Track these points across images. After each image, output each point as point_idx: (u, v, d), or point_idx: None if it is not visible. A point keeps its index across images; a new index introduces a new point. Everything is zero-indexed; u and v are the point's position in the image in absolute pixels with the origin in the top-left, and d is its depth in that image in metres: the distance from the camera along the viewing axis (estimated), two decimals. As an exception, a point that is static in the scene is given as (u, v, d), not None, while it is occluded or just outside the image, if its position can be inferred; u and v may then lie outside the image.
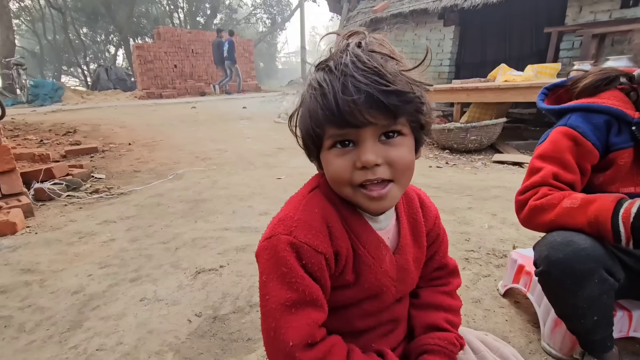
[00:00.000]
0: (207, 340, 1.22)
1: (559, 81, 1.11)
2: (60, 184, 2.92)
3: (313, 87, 0.55)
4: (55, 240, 2.06)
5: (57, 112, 7.92)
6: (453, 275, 0.79)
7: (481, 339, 0.81)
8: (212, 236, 2.04)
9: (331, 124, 0.53)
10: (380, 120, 0.52)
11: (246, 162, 3.96)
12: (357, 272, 0.62)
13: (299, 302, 0.55)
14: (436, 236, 0.75)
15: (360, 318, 0.66)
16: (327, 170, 0.58)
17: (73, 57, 22.00)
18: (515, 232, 1.95)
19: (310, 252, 0.56)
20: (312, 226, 0.58)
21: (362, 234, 0.62)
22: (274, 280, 0.56)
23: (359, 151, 0.54)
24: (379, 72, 0.50)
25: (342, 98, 0.50)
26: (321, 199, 0.62)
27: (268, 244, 0.58)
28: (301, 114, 0.59)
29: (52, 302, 1.47)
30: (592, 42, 4.71)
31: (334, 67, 0.52)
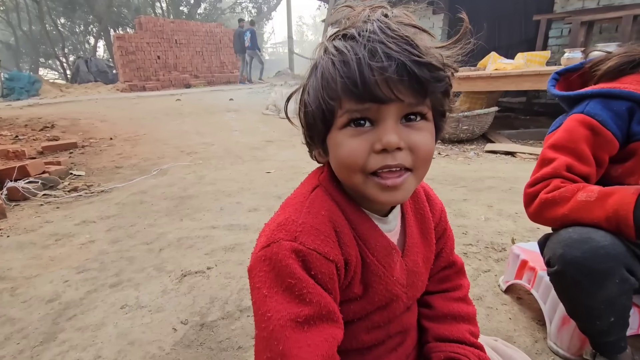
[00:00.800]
0: (194, 350, 1.13)
1: (572, 65, 1.03)
2: (36, 182, 2.75)
3: (330, 54, 0.46)
4: (29, 244, 1.92)
5: (33, 106, 7.58)
6: (461, 274, 0.73)
7: (492, 346, 0.76)
8: (198, 235, 1.94)
9: (350, 96, 0.44)
10: (407, 97, 0.44)
11: (234, 156, 3.83)
12: (365, 283, 0.54)
13: (314, 317, 0.46)
14: (443, 231, 0.69)
15: (367, 332, 0.58)
16: (336, 153, 0.49)
17: (50, 49, 21.10)
18: (512, 224, 1.90)
19: (321, 261, 0.48)
20: (320, 231, 0.49)
21: (370, 239, 0.54)
22: (278, 294, 0.46)
23: (379, 131, 0.45)
24: (412, 42, 0.43)
25: (369, 64, 0.42)
26: (325, 200, 0.53)
27: (267, 253, 0.48)
28: (311, 85, 0.50)
29: (23, 312, 1.36)
30: (581, 29, 4.71)
31: (357, 34, 0.44)
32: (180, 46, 13.83)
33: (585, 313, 0.85)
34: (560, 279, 0.83)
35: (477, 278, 1.44)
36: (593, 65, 0.96)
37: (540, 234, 1.77)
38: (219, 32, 14.95)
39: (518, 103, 5.90)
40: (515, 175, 2.79)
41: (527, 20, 6.37)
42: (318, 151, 0.55)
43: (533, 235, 1.77)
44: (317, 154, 0.56)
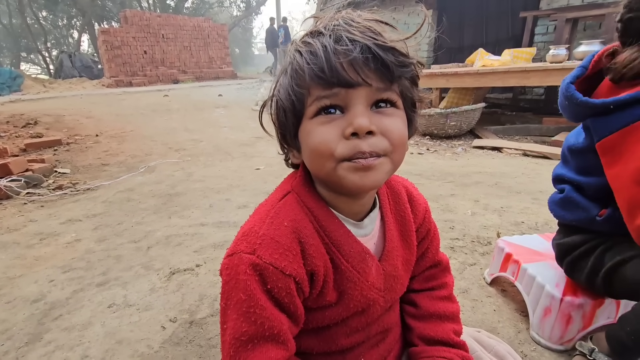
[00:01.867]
0: (183, 347, 1.13)
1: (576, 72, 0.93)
2: (19, 180, 2.69)
3: (297, 46, 0.48)
4: (13, 243, 1.88)
5: (15, 102, 7.37)
6: (446, 272, 0.73)
7: (475, 337, 0.77)
8: (187, 233, 1.93)
9: (318, 82, 0.45)
10: (374, 81, 0.45)
11: (223, 152, 3.80)
12: (339, 289, 0.54)
13: (257, 337, 0.47)
14: (427, 232, 0.68)
15: (346, 336, 0.58)
16: (307, 143, 0.49)
17: (32, 43, 20.48)
18: (498, 218, 1.94)
19: (277, 275, 0.48)
20: (280, 243, 0.49)
21: (344, 244, 0.54)
22: (232, 307, 0.48)
23: (349, 116, 0.46)
24: (375, 30, 0.45)
25: (334, 49, 0.43)
26: (293, 208, 0.52)
27: (229, 263, 0.49)
28: (281, 82, 0.51)
29: (8, 313, 1.33)
30: (566, 26, 4.79)
31: (324, 28, 0.46)
32: (168, 41, 13.59)
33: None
34: None
35: (464, 271, 1.47)
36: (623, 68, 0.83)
37: (525, 228, 1.83)
38: (207, 27, 14.73)
39: (505, 99, 5.99)
40: (502, 171, 2.84)
41: (514, 17, 6.45)
42: (292, 152, 0.55)
43: (517, 229, 1.81)
44: (292, 156, 0.56)
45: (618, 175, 0.81)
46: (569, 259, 1.02)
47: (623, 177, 0.79)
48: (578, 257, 0.99)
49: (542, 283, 1.09)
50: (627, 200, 0.80)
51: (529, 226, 1.83)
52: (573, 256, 1.01)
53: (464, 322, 1.17)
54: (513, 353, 0.75)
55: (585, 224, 0.98)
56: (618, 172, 0.81)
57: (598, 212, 0.93)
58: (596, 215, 0.93)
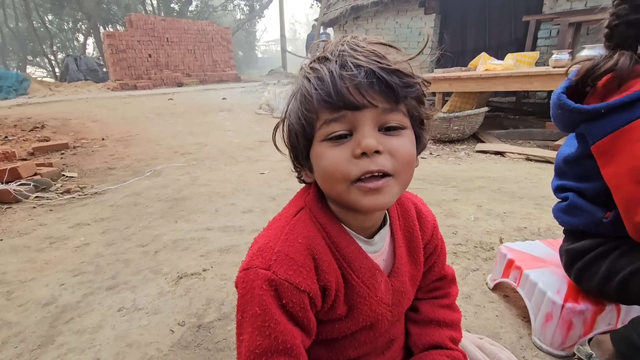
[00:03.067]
0: (192, 351, 1.16)
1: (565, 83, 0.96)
2: (28, 184, 2.74)
3: (305, 73, 0.51)
4: (23, 247, 1.92)
5: (22, 105, 7.47)
6: (451, 284, 0.75)
7: (477, 344, 0.79)
8: (193, 237, 1.96)
9: (326, 106, 0.48)
10: (380, 102, 0.47)
11: (227, 156, 3.84)
12: (349, 304, 0.56)
13: (270, 351, 0.49)
14: (434, 248, 0.69)
15: (354, 349, 0.61)
16: (319, 165, 0.51)
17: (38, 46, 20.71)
18: (500, 223, 1.96)
19: (292, 291, 0.50)
20: (295, 260, 0.51)
21: (354, 261, 0.56)
22: (247, 320, 0.50)
23: (358, 137, 0.48)
24: (379, 54, 0.47)
25: (340, 74, 0.46)
26: (307, 225, 0.55)
27: (245, 277, 0.51)
28: (292, 107, 0.53)
29: (20, 316, 1.36)
30: (569, 30, 4.79)
31: (330, 54, 0.49)
32: (172, 44, 13.71)
33: None
34: None
35: (466, 277, 1.49)
36: (585, 74, 0.90)
37: (527, 233, 1.84)
38: (210, 30, 14.85)
39: (508, 103, 6.00)
40: (504, 175, 2.85)
41: (517, 20, 6.46)
42: (305, 172, 0.58)
43: (520, 234, 1.82)
44: (305, 175, 0.58)
45: (614, 175, 0.84)
46: (579, 264, 1.02)
47: (619, 176, 0.82)
48: (589, 262, 0.99)
49: (544, 289, 1.11)
50: (625, 198, 0.82)
51: (531, 232, 1.85)
52: (584, 261, 1.00)
53: (467, 327, 1.19)
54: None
55: (592, 228, 0.98)
56: (614, 172, 0.84)
57: (604, 215, 0.94)
58: (602, 217, 0.95)
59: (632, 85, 0.84)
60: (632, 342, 0.87)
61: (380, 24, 7.71)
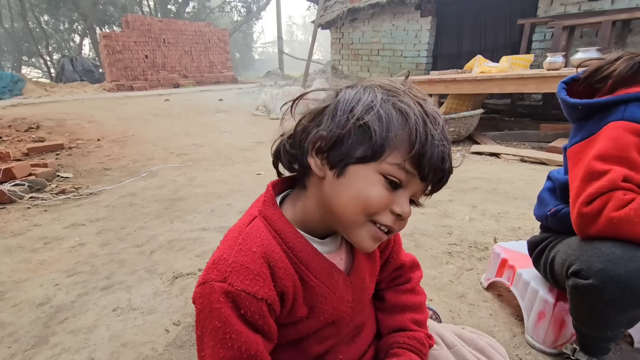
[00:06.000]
0: (187, 350, 1.16)
1: (575, 75, 1.00)
2: (22, 184, 2.72)
3: (420, 111, 0.50)
4: (17, 247, 1.91)
5: (17, 106, 7.42)
6: (413, 269, 0.77)
7: (456, 333, 0.79)
8: (189, 237, 1.96)
9: (412, 162, 0.49)
10: (427, 188, 0.55)
11: (224, 157, 3.84)
12: (309, 304, 0.57)
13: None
14: (387, 242, 0.71)
15: (318, 344, 0.62)
16: (361, 191, 0.50)
17: (34, 47, 20.57)
18: (495, 224, 1.97)
19: (250, 300, 0.49)
20: (250, 269, 0.50)
21: (311, 262, 0.56)
22: (208, 335, 0.50)
23: (402, 199, 0.52)
24: (449, 151, 0.53)
25: (436, 154, 0.50)
26: (261, 232, 0.54)
27: (202, 291, 0.50)
28: (386, 112, 0.49)
29: (14, 316, 1.36)
30: (563, 33, 4.85)
31: (432, 116, 0.51)
32: (169, 45, 13.69)
33: (603, 325, 0.85)
34: (593, 293, 0.79)
35: (461, 276, 1.50)
36: (590, 75, 0.93)
37: (522, 233, 1.86)
38: (207, 32, 14.84)
39: (503, 105, 6.04)
40: (499, 177, 2.88)
41: (512, 24, 6.52)
42: (319, 159, 0.53)
43: (514, 234, 1.84)
44: (314, 163, 0.53)
45: (575, 177, 0.87)
46: (532, 256, 1.12)
47: (577, 178, 0.86)
48: (537, 254, 1.08)
49: (536, 288, 1.12)
50: (572, 196, 0.86)
51: (525, 232, 1.86)
52: (534, 254, 1.10)
53: (461, 325, 1.20)
54: (494, 344, 0.77)
55: (543, 221, 1.07)
56: (576, 174, 0.88)
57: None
58: (548, 211, 1.02)
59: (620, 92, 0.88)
60: (579, 332, 0.94)
61: (377, 26, 7.74)
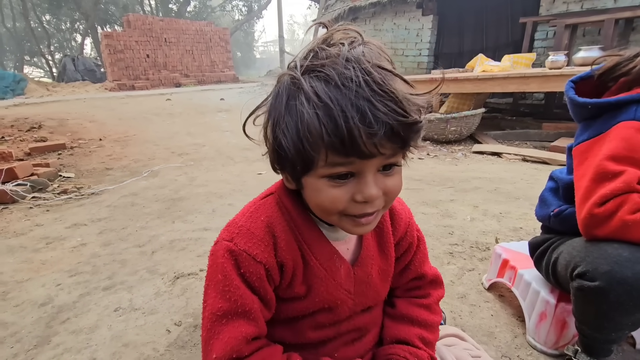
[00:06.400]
0: (188, 350, 1.16)
1: (584, 73, 0.98)
2: (24, 184, 2.73)
3: (313, 103, 0.44)
4: (19, 247, 1.92)
5: (19, 105, 7.44)
6: (434, 285, 0.74)
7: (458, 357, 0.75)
8: (191, 237, 1.96)
9: (335, 152, 0.45)
10: (388, 150, 0.47)
11: (225, 157, 3.84)
12: (307, 284, 0.60)
13: (230, 313, 0.54)
14: (408, 245, 0.70)
15: (313, 329, 0.63)
16: (314, 197, 0.51)
17: (36, 46, 20.63)
18: (496, 224, 1.97)
19: (249, 261, 0.54)
20: (254, 234, 0.55)
21: (314, 244, 0.59)
22: (212, 287, 0.55)
23: (361, 184, 0.48)
24: (395, 98, 0.44)
25: (358, 127, 0.42)
26: (272, 207, 0.59)
27: (213, 250, 0.58)
28: (287, 124, 0.47)
29: (16, 316, 1.36)
30: (565, 32, 4.83)
31: (341, 83, 0.43)
32: (170, 45, 13.71)
33: (607, 327, 0.83)
34: (599, 295, 0.78)
35: (462, 277, 1.50)
36: (607, 71, 0.91)
37: (523, 234, 1.86)
38: (209, 31, 14.86)
39: (505, 104, 6.02)
40: (501, 176, 2.87)
41: (514, 22, 6.50)
42: (286, 177, 0.55)
43: (516, 235, 1.84)
44: (286, 180, 0.56)
45: (582, 175, 0.86)
46: (534, 257, 1.11)
47: (584, 177, 0.84)
48: (539, 255, 1.07)
49: (538, 289, 1.12)
50: (580, 196, 0.84)
51: (527, 232, 1.86)
52: (536, 255, 1.09)
53: (462, 326, 1.20)
54: None
55: (545, 221, 1.06)
56: (582, 172, 0.86)
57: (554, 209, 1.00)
58: (551, 212, 1.01)
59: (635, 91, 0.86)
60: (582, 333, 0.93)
61: (378, 25, 7.72)
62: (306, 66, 0.47)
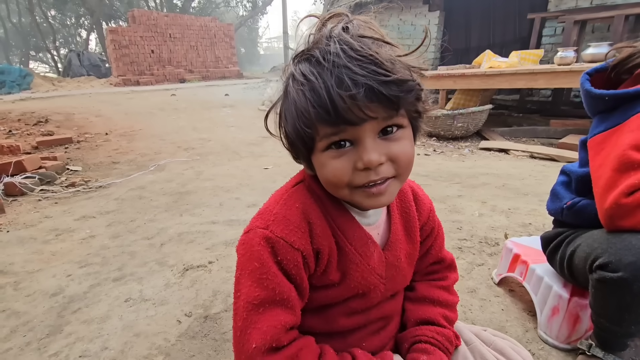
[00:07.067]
0: (199, 341, 1.17)
1: (599, 65, 0.97)
2: (33, 177, 2.75)
3: (299, 82, 0.47)
4: (30, 239, 1.93)
5: (26, 100, 7.49)
6: (450, 269, 0.76)
7: (475, 332, 0.77)
8: (198, 230, 1.97)
9: (325, 123, 0.47)
10: (380, 113, 0.46)
11: (231, 151, 3.85)
12: (342, 270, 0.59)
13: (268, 301, 0.52)
14: (430, 230, 0.71)
15: (345, 317, 0.62)
16: (321, 173, 0.53)
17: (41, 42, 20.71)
18: (505, 219, 1.96)
19: (286, 248, 0.53)
20: (290, 221, 0.54)
21: (348, 230, 0.59)
22: (246, 276, 0.53)
23: (360, 151, 0.48)
24: (376, 60, 0.44)
25: (338, 93, 0.44)
26: (304, 194, 0.58)
27: (245, 238, 0.56)
28: (287, 111, 0.51)
29: (28, 305, 1.38)
30: (574, 28, 4.77)
31: (322, 58, 0.46)
32: (175, 40, 13.71)
33: (628, 319, 0.83)
34: (622, 287, 0.77)
35: (472, 271, 1.49)
36: (620, 62, 0.91)
37: (532, 229, 1.84)
38: (213, 27, 14.84)
39: (512, 101, 5.97)
40: (509, 172, 2.85)
41: (521, 18, 6.43)
42: (305, 165, 0.58)
43: (525, 230, 1.82)
44: (305, 167, 0.59)
45: (600, 166, 0.85)
46: (546, 252, 1.10)
47: (603, 167, 0.83)
48: (552, 249, 1.06)
49: (550, 283, 1.11)
50: (601, 186, 0.82)
51: (536, 228, 1.85)
52: (549, 249, 1.08)
53: (473, 320, 1.20)
54: (518, 348, 0.75)
55: (558, 215, 1.05)
56: (600, 163, 0.85)
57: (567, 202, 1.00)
58: (564, 205, 1.00)
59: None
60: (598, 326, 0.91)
61: (384, 21, 7.67)
62: (298, 53, 0.50)
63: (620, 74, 0.92)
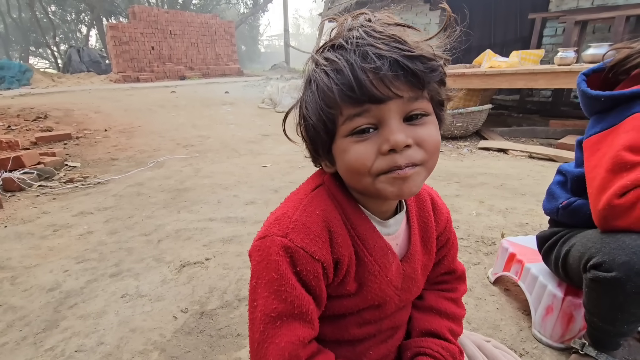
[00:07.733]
0: (195, 337, 1.17)
1: (596, 66, 0.97)
2: (31, 173, 2.75)
3: (322, 65, 0.47)
4: (27, 234, 1.94)
5: (25, 95, 7.47)
6: (460, 280, 0.74)
7: (478, 345, 0.77)
8: (196, 227, 1.97)
9: (348, 101, 0.45)
10: (405, 91, 0.45)
11: (230, 149, 3.85)
12: (360, 281, 0.56)
13: (286, 315, 0.50)
14: (446, 240, 0.69)
15: (358, 327, 0.61)
16: (344, 159, 0.49)
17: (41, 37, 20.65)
18: (502, 219, 1.96)
19: (307, 259, 0.50)
20: (311, 230, 0.51)
21: (368, 239, 0.56)
22: (263, 286, 0.50)
23: (385, 132, 0.46)
24: (399, 39, 0.44)
25: (362, 67, 0.43)
26: (324, 200, 0.55)
27: (261, 245, 0.52)
28: (308, 99, 0.50)
29: (25, 300, 1.38)
30: (575, 28, 4.76)
31: (346, 42, 0.45)
32: (175, 37, 13.67)
33: (621, 319, 0.83)
34: (615, 286, 0.78)
35: (468, 270, 1.50)
36: (618, 63, 0.91)
37: (529, 229, 1.85)
38: (214, 24, 14.79)
39: (511, 101, 5.97)
40: (507, 172, 2.85)
41: (522, 18, 6.42)
42: (325, 162, 0.56)
43: (522, 230, 1.83)
44: (325, 165, 0.56)
45: (595, 166, 0.85)
46: (542, 251, 1.11)
47: (598, 167, 0.83)
48: (548, 249, 1.07)
49: (545, 282, 1.11)
50: (596, 187, 0.83)
51: (533, 228, 1.85)
52: (544, 248, 1.09)
53: (467, 319, 1.21)
54: None
55: (554, 215, 1.05)
56: (595, 163, 0.85)
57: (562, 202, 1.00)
58: (559, 204, 1.01)
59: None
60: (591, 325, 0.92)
61: (385, 20, 7.65)
62: (322, 46, 0.50)
63: (617, 75, 0.92)
